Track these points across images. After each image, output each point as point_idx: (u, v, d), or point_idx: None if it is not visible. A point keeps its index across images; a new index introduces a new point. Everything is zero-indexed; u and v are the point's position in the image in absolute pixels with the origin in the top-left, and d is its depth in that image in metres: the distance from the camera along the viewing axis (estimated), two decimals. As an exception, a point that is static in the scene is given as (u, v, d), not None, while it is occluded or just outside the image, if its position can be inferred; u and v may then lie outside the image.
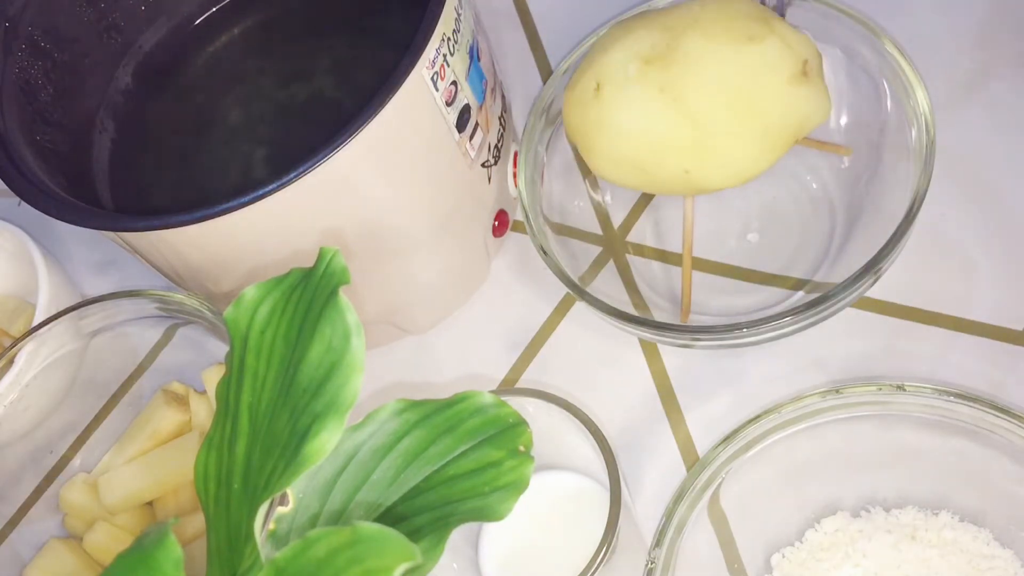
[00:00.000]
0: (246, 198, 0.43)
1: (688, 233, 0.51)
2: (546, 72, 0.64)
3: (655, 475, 0.51)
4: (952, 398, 0.44)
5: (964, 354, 0.51)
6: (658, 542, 0.44)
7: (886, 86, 0.51)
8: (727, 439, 0.45)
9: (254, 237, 0.46)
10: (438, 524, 0.34)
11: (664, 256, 0.56)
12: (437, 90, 0.46)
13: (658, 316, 0.54)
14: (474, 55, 0.49)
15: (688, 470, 0.51)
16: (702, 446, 0.52)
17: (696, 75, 0.46)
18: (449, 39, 0.46)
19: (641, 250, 0.57)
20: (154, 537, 0.31)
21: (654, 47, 0.47)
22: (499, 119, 0.54)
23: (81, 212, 0.47)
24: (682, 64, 0.47)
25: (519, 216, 0.57)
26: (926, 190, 0.48)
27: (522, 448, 0.35)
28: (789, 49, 0.47)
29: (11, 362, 0.50)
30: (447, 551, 0.34)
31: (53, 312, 0.52)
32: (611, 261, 0.56)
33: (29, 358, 0.51)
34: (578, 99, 0.49)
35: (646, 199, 0.58)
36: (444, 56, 0.46)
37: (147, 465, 0.52)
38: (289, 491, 0.35)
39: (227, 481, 0.34)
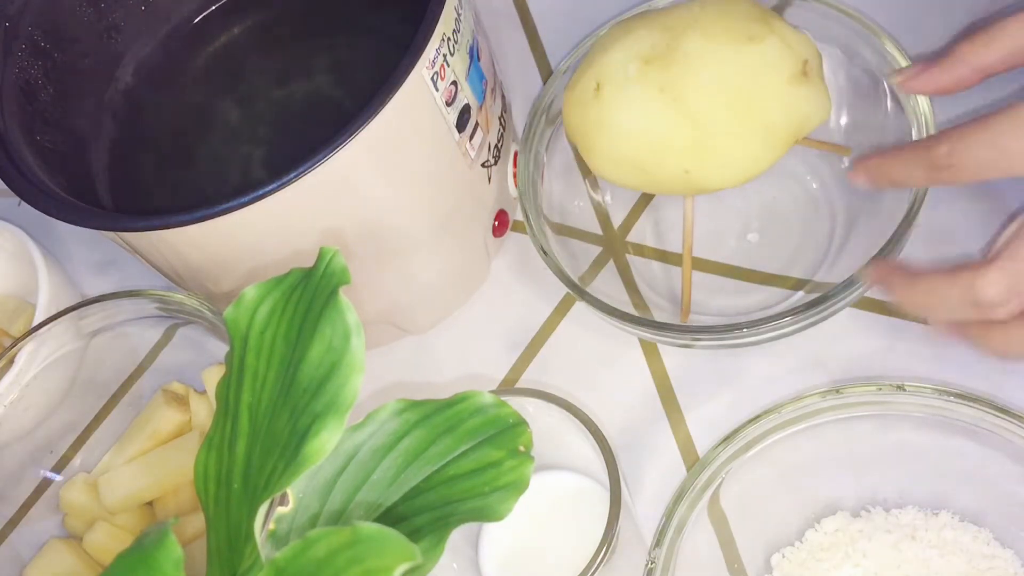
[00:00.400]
0: (246, 198, 0.43)
1: (688, 233, 0.51)
2: (546, 72, 0.64)
3: (655, 475, 0.51)
4: (952, 398, 0.44)
5: (964, 354, 0.51)
6: (658, 542, 0.44)
7: (886, 86, 0.51)
8: (727, 439, 0.45)
9: (254, 237, 0.46)
10: (438, 524, 0.34)
11: (664, 256, 0.56)
12: (437, 90, 0.46)
13: (658, 316, 0.54)
14: (474, 55, 0.49)
15: (688, 470, 0.51)
16: (702, 446, 0.52)
17: (696, 75, 0.46)
18: (449, 39, 0.46)
19: (641, 250, 0.57)
20: (154, 537, 0.31)
21: (654, 47, 0.47)
22: (499, 119, 0.54)
23: (81, 212, 0.47)
24: (682, 64, 0.47)
25: (519, 216, 0.57)
26: (926, 190, 0.48)
27: (522, 448, 0.35)
28: (789, 49, 0.47)
29: (11, 362, 0.50)
30: (447, 551, 0.34)
31: (53, 312, 0.52)
32: (611, 261, 0.56)
33: (29, 358, 0.51)
34: (578, 99, 0.49)
35: (646, 199, 0.58)
36: (444, 56, 0.46)
37: (147, 465, 0.52)
38: (289, 491, 0.35)
39: (227, 481, 0.34)
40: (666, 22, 0.48)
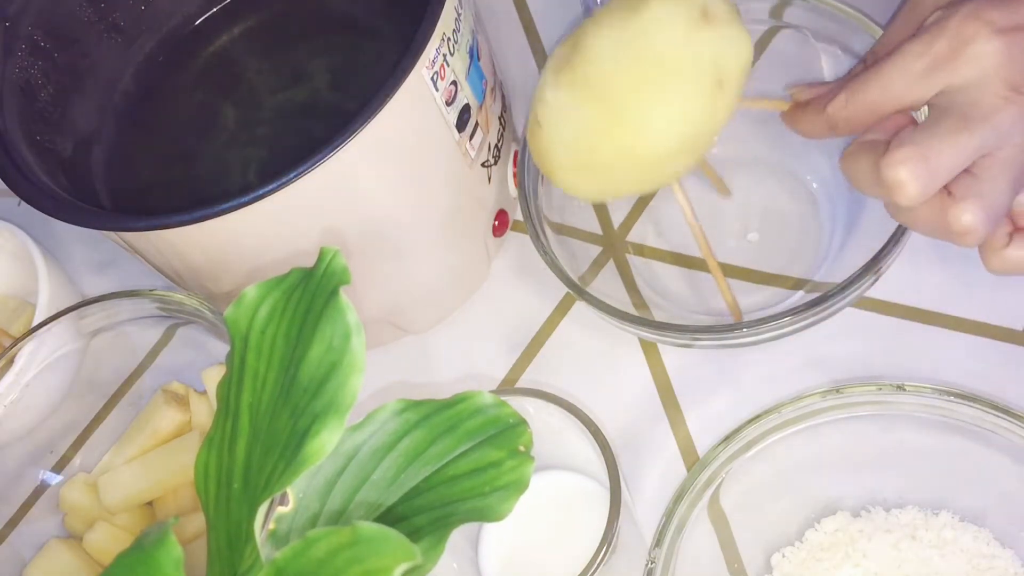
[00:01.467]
0: (246, 198, 0.43)
1: (690, 219, 0.50)
2: (546, 72, 0.64)
3: (655, 475, 0.51)
4: (952, 398, 0.44)
5: (964, 354, 0.51)
6: (658, 542, 0.44)
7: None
8: (727, 439, 0.45)
9: (254, 237, 0.46)
10: (438, 524, 0.34)
11: (664, 256, 0.56)
12: (437, 90, 0.46)
13: (658, 316, 0.54)
14: (474, 55, 0.49)
15: (688, 470, 0.51)
16: (702, 446, 0.52)
17: (597, 62, 0.46)
18: (449, 39, 0.46)
19: (641, 250, 0.57)
20: (154, 537, 0.31)
21: (562, 58, 0.47)
22: (499, 119, 0.54)
23: (81, 212, 0.47)
24: (583, 58, 0.46)
25: (519, 216, 0.57)
26: (926, 190, 0.48)
27: (522, 448, 0.35)
28: (675, 3, 0.46)
29: (11, 362, 0.50)
30: (447, 551, 0.34)
31: (53, 312, 0.52)
32: (611, 261, 0.56)
33: (29, 358, 0.51)
34: (530, 137, 0.49)
35: (645, 199, 0.58)
36: (444, 56, 0.46)
37: (147, 465, 0.52)
38: (289, 491, 0.35)
39: (227, 481, 0.34)
40: (573, 34, 0.48)
